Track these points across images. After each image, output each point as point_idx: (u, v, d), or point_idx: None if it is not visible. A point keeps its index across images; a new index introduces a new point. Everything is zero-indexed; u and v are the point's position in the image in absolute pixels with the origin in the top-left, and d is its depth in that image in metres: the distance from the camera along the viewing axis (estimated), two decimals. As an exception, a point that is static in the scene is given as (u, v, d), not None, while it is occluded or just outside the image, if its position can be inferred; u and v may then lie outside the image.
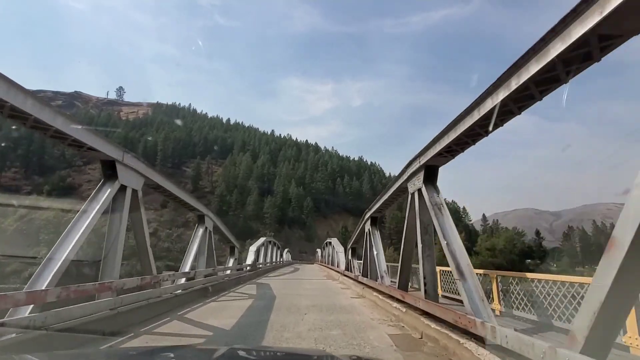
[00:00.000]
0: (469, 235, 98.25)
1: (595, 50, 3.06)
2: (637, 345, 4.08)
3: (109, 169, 6.75)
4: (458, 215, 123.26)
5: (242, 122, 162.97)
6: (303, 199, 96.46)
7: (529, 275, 6.56)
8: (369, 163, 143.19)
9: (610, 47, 2.99)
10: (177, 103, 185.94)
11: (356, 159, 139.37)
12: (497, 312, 6.95)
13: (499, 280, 7.24)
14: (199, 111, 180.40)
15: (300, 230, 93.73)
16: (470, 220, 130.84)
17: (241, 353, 2.17)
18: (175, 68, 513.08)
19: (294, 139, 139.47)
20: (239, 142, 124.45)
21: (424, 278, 6.72)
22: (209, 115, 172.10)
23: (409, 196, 7.52)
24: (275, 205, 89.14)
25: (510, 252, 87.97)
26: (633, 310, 3.96)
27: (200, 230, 12.12)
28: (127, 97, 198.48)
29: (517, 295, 6.64)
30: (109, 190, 6.55)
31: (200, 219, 12.42)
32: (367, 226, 12.36)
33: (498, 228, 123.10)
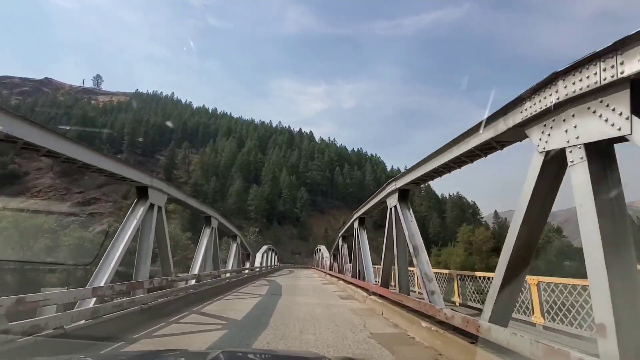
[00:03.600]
0: (496, 233, 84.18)
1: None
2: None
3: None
4: (471, 210, 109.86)
5: (230, 113, 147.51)
6: (296, 189, 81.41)
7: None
8: (369, 155, 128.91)
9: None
10: (159, 92, 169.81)
11: (355, 149, 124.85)
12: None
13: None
14: (183, 101, 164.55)
15: (293, 227, 78.65)
16: (482, 217, 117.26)
17: (234, 356, 2.12)
18: (165, 66, 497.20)
19: (287, 127, 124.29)
20: (224, 128, 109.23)
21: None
22: (195, 105, 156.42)
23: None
24: (262, 196, 73.94)
25: (548, 252, 73.59)
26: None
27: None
28: (107, 88, 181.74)
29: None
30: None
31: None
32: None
33: (506, 226, 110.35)
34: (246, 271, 18.92)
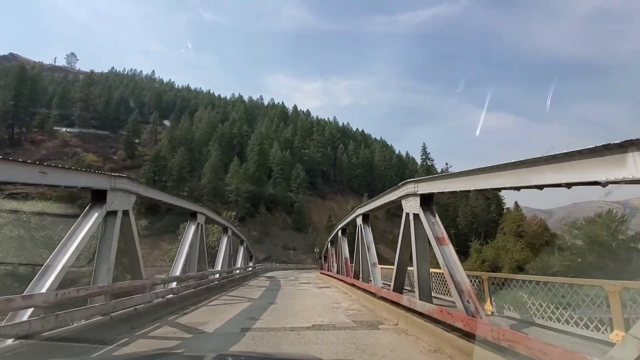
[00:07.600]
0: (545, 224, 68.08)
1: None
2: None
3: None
4: (496, 200, 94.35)
5: (220, 95, 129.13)
6: (291, 167, 64.30)
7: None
8: (373, 138, 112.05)
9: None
10: (139, 70, 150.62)
11: (360, 129, 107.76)
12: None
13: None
14: (165, 80, 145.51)
15: (286, 214, 61.58)
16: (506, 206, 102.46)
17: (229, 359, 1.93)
18: (158, 59, 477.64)
19: (280, 103, 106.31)
20: (205, 101, 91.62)
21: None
22: (178, 85, 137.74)
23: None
24: (245, 174, 56.73)
25: (617, 246, 56.88)
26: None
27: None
28: (83, 67, 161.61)
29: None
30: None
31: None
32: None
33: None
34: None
